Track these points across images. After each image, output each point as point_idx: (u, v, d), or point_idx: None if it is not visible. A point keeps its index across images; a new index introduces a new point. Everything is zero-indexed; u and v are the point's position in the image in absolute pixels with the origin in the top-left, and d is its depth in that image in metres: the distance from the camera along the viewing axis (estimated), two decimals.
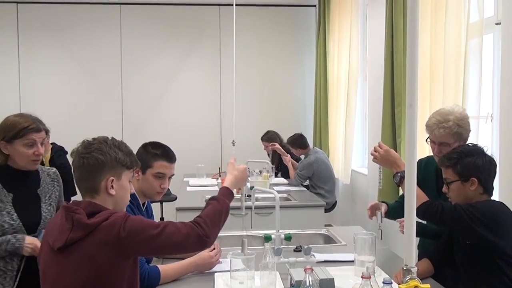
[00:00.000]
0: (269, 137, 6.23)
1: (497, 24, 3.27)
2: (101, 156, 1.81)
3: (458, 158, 2.28)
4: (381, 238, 2.51)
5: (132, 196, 2.42)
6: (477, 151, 2.32)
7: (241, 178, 2.19)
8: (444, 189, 2.34)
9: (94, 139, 1.88)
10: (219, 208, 1.96)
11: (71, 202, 1.85)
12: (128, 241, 1.72)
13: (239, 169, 2.19)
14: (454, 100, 3.40)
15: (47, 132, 2.43)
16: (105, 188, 1.82)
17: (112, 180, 1.83)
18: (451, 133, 2.53)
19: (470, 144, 2.43)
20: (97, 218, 1.74)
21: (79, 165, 1.83)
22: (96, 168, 1.81)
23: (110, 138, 1.90)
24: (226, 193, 2.05)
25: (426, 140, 2.64)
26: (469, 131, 2.62)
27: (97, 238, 1.71)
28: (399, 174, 2.41)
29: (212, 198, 2.01)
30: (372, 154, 2.52)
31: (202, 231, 1.83)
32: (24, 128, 2.31)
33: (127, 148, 1.91)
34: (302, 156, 5.88)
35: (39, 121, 2.39)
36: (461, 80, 3.35)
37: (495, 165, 2.33)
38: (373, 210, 2.72)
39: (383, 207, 2.71)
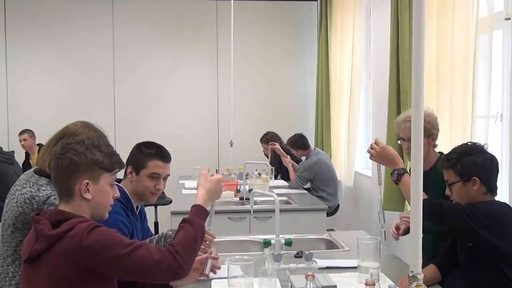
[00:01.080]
0: (269, 138, 6.16)
1: (506, 19, 3.22)
2: (76, 157, 1.73)
3: (457, 158, 2.29)
4: (385, 239, 2.50)
5: (126, 199, 2.43)
6: (476, 149, 2.32)
7: (215, 190, 2.03)
8: (447, 191, 2.34)
9: (73, 139, 1.82)
10: (193, 233, 1.83)
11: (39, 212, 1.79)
12: (89, 254, 1.62)
13: (212, 181, 2.03)
14: (462, 99, 3.38)
15: None
16: (79, 192, 1.74)
17: (87, 183, 1.74)
18: None
19: (469, 143, 2.43)
20: (61, 228, 1.65)
21: (53, 167, 1.76)
22: (70, 170, 1.73)
23: (89, 138, 1.82)
24: (198, 212, 1.93)
25: (398, 140, 2.73)
26: (436, 129, 2.78)
27: (59, 250, 1.63)
28: (396, 171, 2.42)
29: (184, 221, 1.88)
30: (368, 151, 2.53)
31: (174, 262, 1.71)
32: None
33: (108, 149, 1.82)
34: (303, 158, 5.82)
35: (104, 135, 2.31)
36: (470, 78, 3.31)
37: (497, 163, 2.32)
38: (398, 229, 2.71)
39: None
